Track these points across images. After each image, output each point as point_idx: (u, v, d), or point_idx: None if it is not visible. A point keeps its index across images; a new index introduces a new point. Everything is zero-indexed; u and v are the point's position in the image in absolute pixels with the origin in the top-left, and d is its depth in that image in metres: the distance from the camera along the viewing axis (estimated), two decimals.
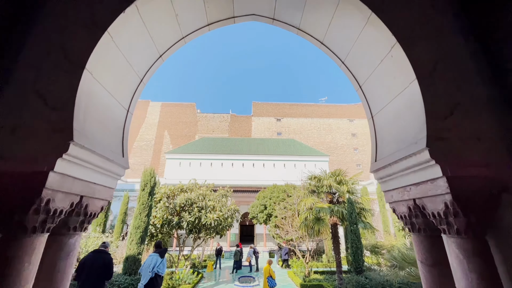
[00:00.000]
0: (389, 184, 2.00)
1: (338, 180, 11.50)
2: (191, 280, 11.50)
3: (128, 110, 2.18)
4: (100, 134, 1.80)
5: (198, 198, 11.25)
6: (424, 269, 1.73)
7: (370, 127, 2.30)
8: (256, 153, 32.98)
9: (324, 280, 12.55)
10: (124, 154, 2.09)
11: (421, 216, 1.75)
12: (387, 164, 1.88)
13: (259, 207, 20.08)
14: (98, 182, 1.81)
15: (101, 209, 1.90)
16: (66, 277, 1.61)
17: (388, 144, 1.98)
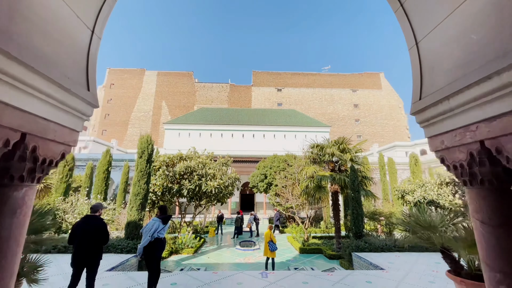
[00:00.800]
0: (439, 127, 1.57)
1: (341, 148, 11.19)
2: (193, 244, 11.82)
3: (93, 31, 1.64)
4: (49, 51, 1.30)
5: (198, 166, 11.04)
6: (486, 231, 1.38)
7: (412, 58, 1.79)
8: (256, 123, 32.43)
9: (322, 244, 12.95)
10: (90, 87, 1.60)
11: (488, 164, 1.35)
12: (441, 99, 1.42)
13: (259, 176, 20.17)
14: (51, 118, 1.36)
15: (61, 156, 1.47)
16: (14, 240, 1.25)
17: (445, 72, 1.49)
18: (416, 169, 15.76)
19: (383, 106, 48.22)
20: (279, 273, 6.24)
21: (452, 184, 13.04)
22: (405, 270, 6.45)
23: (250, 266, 9.41)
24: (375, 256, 7.90)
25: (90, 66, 1.60)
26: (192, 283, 5.39)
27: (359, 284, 5.41)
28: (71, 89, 1.38)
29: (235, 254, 11.48)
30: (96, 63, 1.62)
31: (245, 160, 27.15)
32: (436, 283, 5.50)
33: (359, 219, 9.23)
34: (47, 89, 1.27)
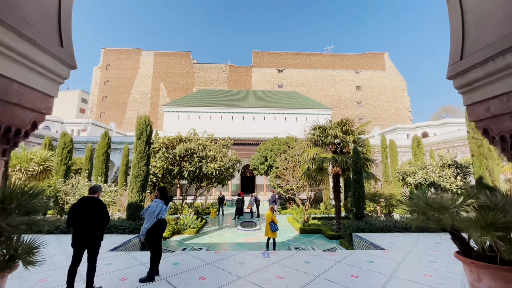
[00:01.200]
0: (485, 91, 1.31)
1: (344, 130, 10.96)
2: (195, 225, 11.97)
3: None
4: None
5: (198, 148, 10.87)
6: None
7: (451, 9, 1.49)
8: (256, 105, 31.89)
9: (322, 225, 13.15)
10: (64, 43, 1.33)
11: None
12: (493, 55, 1.17)
13: (260, 159, 20.12)
14: (12, 76, 1.12)
15: (31, 125, 1.24)
16: None
17: (498, 23, 1.21)
18: (418, 151, 15.64)
19: (386, 88, 47.24)
20: (280, 253, 6.27)
21: (454, 166, 12.97)
22: (406, 250, 6.49)
23: (251, 246, 9.57)
24: (376, 237, 7.96)
25: (63, 17, 1.31)
26: (195, 263, 5.40)
27: (361, 263, 5.43)
28: (36, 40, 1.11)
29: (236, 234, 11.66)
30: (72, 16, 1.32)
31: (245, 143, 27.02)
32: (437, 263, 5.52)
33: (361, 200, 9.22)
34: (10, 42, 1.01)
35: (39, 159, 10.71)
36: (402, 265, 5.35)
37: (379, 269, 5.11)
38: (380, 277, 4.66)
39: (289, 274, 4.79)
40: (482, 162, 9.73)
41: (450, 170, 12.65)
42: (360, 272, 4.93)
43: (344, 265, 5.29)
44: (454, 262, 5.60)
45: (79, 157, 19.59)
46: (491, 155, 9.69)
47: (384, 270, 5.02)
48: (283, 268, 5.09)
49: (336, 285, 4.27)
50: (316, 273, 4.82)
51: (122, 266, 5.19)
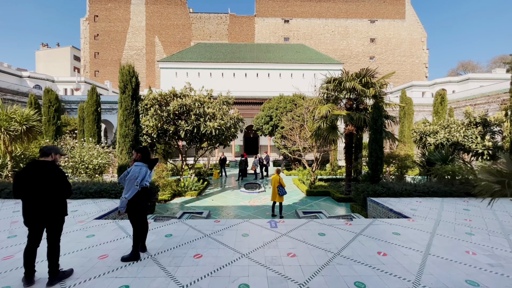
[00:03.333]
0: None
1: (363, 82, 9.38)
2: (196, 187, 11.41)
3: None
4: None
5: (195, 105, 9.57)
6: None
7: None
8: (260, 61, 29.19)
9: (329, 187, 12.53)
10: None
11: None
12: None
13: (264, 118, 18.82)
14: None
15: None
16: None
17: None
18: (441, 108, 14.06)
19: (403, 40, 42.71)
20: (289, 221, 5.49)
21: (481, 124, 11.59)
22: (434, 219, 5.65)
23: (255, 209, 8.99)
24: (394, 202, 7.15)
25: None
26: (191, 234, 4.64)
27: (385, 236, 4.61)
28: None
29: (239, 196, 11.13)
30: None
31: (248, 102, 25.40)
32: (476, 235, 4.67)
33: (378, 162, 8.22)
34: None
35: (20, 118, 9.63)
36: (436, 238, 4.51)
37: (409, 243, 4.27)
38: (414, 255, 3.82)
39: (302, 250, 3.99)
40: None
41: (477, 129, 11.33)
42: (387, 248, 4.10)
43: (366, 238, 4.47)
44: (495, 234, 4.75)
45: (72, 117, 18.55)
46: None
47: (415, 245, 4.19)
48: (294, 242, 4.29)
49: (362, 267, 3.45)
50: (334, 249, 4.01)
51: (106, 238, 4.45)
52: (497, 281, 3.12)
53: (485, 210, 6.39)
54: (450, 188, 7.89)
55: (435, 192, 7.83)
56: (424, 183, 8.16)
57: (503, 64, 46.22)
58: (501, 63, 50.28)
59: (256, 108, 25.06)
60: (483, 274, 3.29)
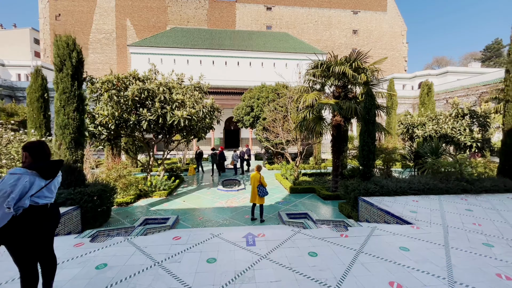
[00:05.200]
0: None
1: (354, 67, 8.37)
2: (166, 186, 9.95)
3: None
4: None
5: (159, 90, 8.01)
6: None
7: None
8: (241, 48, 27.50)
9: (314, 182, 11.66)
10: None
11: None
12: None
13: (245, 109, 17.49)
14: None
15: None
16: None
17: None
18: (427, 99, 13.62)
19: (384, 33, 42.88)
20: (271, 233, 4.35)
21: (469, 115, 11.21)
22: (439, 224, 4.80)
23: (232, 212, 7.79)
24: (389, 202, 6.30)
25: None
26: (134, 264, 3.33)
27: (392, 253, 3.63)
28: None
29: (216, 195, 9.87)
30: None
31: (229, 92, 23.86)
32: (496, 247, 3.84)
33: (370, 157, 7.32)
34: None
35: None
36: (453, 255, 3.59)
37: (424, 264, 3.31)
38: (436, 284, 2.84)
39: (289, 285, 2.85)
40: None
41: (464, 121, 10.91)
42: (399, 274, 3.09)
43: (369, 259, 3.44)
44: None
45: (21, 106, 15.94)
46: None
47: (433, 268, 3.23)
48: (277, 271, 3.14)
49: None
50: (332, 280, 2.93)
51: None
52: None
53: (489, 211, 5.70)
54: (446, 185, 7.21)
55: (431, 189, 7.12)
56: (419, 180, 7.42)
57: (473, 60, 48.31)
58: (471, 59, 52.66)
59: (237, 98, 23.60)
60: None
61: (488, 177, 7.93)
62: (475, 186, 7.27)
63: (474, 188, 7.23)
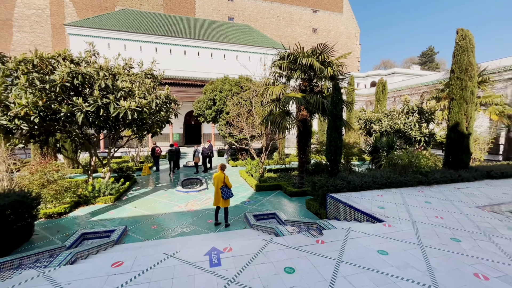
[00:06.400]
0: None
1: (320, 60, 8.15)
2: (113, 189, 8.49)
3: None
4: None
5: (100, 75, 6.58)
6: None
7: None
8: (202, 38, 25.84)
9: (279, 178, 11.40)
10: None
11: None
12: None
13: (206, 102, 16.36)
14: None
15: None
16: None
17: None
18: (382, 96, 14.53)
19: (340, 34, 45.32)
20: (239, 247, 3.71)
21: (417, 112, 12.18)
22: (407, 220, 4.79)
23: (193, 217, 6.91)
24: (356, 198, 6.23)
25: None
26: None
27: (372, 258, 3.33)
28: None
29: (174, 198, 8.81)
30: None
31: (188, 83, 22.24)
32: (463, 241, 3.87)
33: (338, 152, 7.20)
34: None
35: None
36: (430, 255, 3.45)
37: (407, 271, 3.07)
38: None
39: None
40: (462, 106, 8.61)
41: (414, 117, 11.80)
42: (384, 284, 2.76)
43: (351, 269, 3.06)
44: (478, 236, 4.06)
45: None
46: (472, 99, 8.59)
47: (417, 274, 3.00)
48: None
49: None
50: None
51: None
52: None
53: (444, 202, 6.01)
54: (404, 178, 7.53)
55: (392, 182, 7.34)
56: (381, 174, 7.60)
57: (412, 63, 54.63)
58: (411, 63, 59.61)
59: (197, 91, 22.15)
60: None
61: (437, 169, 8.58)
62: (428, 178, 7.76)
63: (427, 180, 7.71)
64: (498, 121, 13.96)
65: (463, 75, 8.64)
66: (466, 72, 8.58)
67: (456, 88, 8.76)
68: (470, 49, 8.59)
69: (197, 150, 13.68)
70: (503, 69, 16.37)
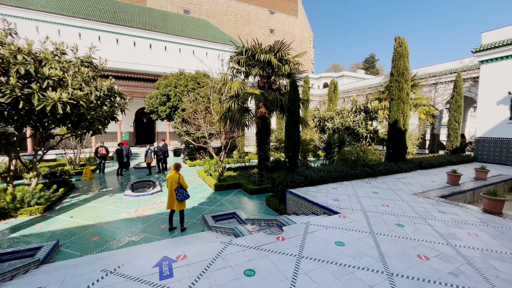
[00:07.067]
0: None
1: (278, 57, 8.19)
2: (42, 198, 7.13)
3: None
4: None
5: (16, 59, 5.37)
6: None
7: None
8: (155, 29, 23.94)
9: (239, 177, 11.23)
10: None
11: None
12: None
13: (159, 98, 15.17)
14: None
15: None
16: None
17: None
18: (334, 96, 15.57)
19: (296, 36, 47.37)
20: (194, 252, 3.38)
21: (364, 111, 13.36)
22: (359, 210, 5.09)
23: (144, 223, 6.22)
24: (313, 192, 6.42)
25: None
26: None
27: (330, 250, 3.38)
28: None
29: (122, 203, 7.85)
30: None
31: (138, 77, 20.40)
32: (406, 226, 4.25)
33: (296, 148, 7.34)
34: None
35: None
36: (380, 242, 3.67)
37: (362, 259, 3.18)
38: (378, 281, 2.66)
39: None
40: (400, 105, 9.70)
41: (362, 115, 12.92)
42: (343, 276, 2.79)
43: (312, 264, 3.04)
44: (417, 220, 4.51)
45: None
46: (408, 100, 9.74)
47: (370, 262, 3.12)
48: None
49: None
50: None
51: None
52: None
53: (388, 191, 6.62)
54: (354, 171, 8.10)
55: (344, 176, 7.82)
56: (335, 168, 8.04)
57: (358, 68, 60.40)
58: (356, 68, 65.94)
59: (150, 86, 20.46)
60: None
61: (381, 162, 9.49)
62: (374, 170, 8.52)
63: (373, 172, 8.46)
64: (425, 120, 16.27)
65: (400, 78, 9.72)
66: (403, 75, 9.68)
67: (395, 90, 9.81)
68: (405, 55, 9.72)
69: (150, 150, 12.58)
70: (428, 76, 19.19)
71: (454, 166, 10.63)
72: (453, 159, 11.37)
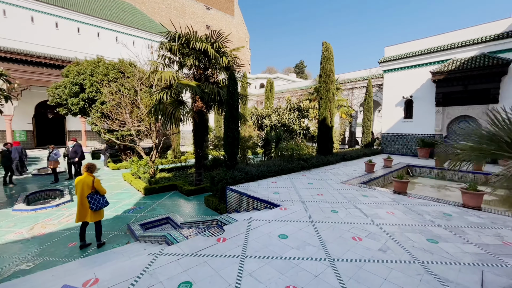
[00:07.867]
0: None
1: (215, 47, 7.74)
2: None
3: None
4: None
5: None
6: None
7: None
8: (63, 5, 19.58)
9: (174, 178, 10.24)
10: None
11: None
12: None
13: (69, 87, 12.40)
14: None
15: None
16: None
17: None
18: (270, 95, 16.10)
19: (233, 36, 47.45)
20: (110, 272, 2.65)
21: (297, 109, 14.30)
22: (299, 201, 5.21)
23: (45, 243, 4.76)
24: (254, 187, 6.30)
25: None
26: None
27: (275, 245, 3.23)
28: None
29: (10, 221, 5.90)
30: None
31: (39, 62, 16.35)
32: (339, 212, 4.54)
33: (235, 144, 7.06)
34: None
35: None
36: (320, 229, 3.76)
37: (306, 249, 3.13)
38: (327, 275, 2.62)
39: None
40: (327, 104, 10.71)
41: (296, 113, 13.77)
42: (289, 270, 2.64)
43: (256, 263, 2.78)
44: (347, 205, 4.90)
45: None
46: (333, 99, 10.84)
47: (313, 251, 3.11)
48: None
49: None
50: None
51: None
52: (408, 276, 2.53)
53: (321, 182, 7.11)
54: (291, 165, 8.44)
55: (283, 170, 8.04)
56: (274, 163, 8.17)
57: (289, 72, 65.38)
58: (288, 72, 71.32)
59: (56, 73, 16.63)
60: (394, 270, 2.65)
61: (313, 156, 10.26)
62: (308, 163, 9.10)
63: (307, 165, 9.02)
64: (345, 119, 18.74)
65: (327, 79, 10.74)
66: (329, 77, 10.72)
67: (323, 90, 10.78)
68: (331, 59, 10.79)
69: (54, 152, 10.10)
70: (347, 81, 22.23)
71: (369, 157, 12.50)
72: (367, 152, 13.38)
